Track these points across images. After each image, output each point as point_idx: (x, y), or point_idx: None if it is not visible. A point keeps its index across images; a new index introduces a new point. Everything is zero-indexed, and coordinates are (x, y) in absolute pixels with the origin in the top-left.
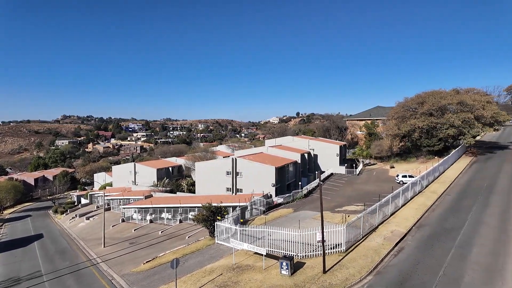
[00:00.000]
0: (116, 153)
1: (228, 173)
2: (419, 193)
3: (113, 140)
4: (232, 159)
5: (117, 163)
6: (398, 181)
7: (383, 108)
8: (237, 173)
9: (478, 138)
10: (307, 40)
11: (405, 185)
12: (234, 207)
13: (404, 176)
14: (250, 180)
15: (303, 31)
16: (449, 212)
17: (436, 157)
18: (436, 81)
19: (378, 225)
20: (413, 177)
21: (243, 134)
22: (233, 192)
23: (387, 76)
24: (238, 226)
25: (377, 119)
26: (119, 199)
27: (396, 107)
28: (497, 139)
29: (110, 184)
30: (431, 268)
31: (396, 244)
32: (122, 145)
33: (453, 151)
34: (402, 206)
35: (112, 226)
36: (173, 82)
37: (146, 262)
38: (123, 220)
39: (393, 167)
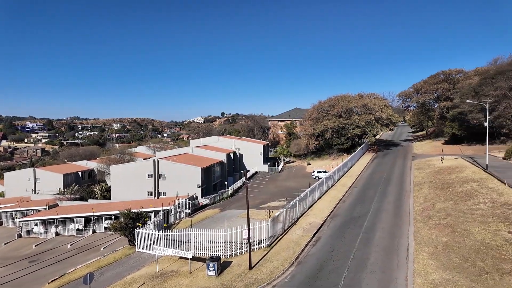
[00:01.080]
0: (9, 157)
1: (149, 176)
2: (332, 186)
3: (4, 142)
4: (154, 160)
5: (11, 169)
6: (314, 177)
7: (300, 109)
8: (159, 176)
9: (378, 136)
10: (231, 40)
11: (320, 180)
12: (156, 212)
13: (319, 172)
14: (174, 182)
15: (226, 31)
16: (356, 202)
17: (345, 154)
18: (345, 85)
19: (298, 218)
20: (326, 172)
21: (165, 134)
22: (155, 196)
23: (305, 78)
24: (161, 231)
25: (295, 120)
26: (14, 211)
27: (312, 109)
28: (392, 137)
29: (2, 195)
30: (343, 253)
31: (314, 234)
32: (17, 148)
33: (359, 148)
34: (318, 199)
35: (5, 244)
36: (82, 77)
37: (52, 281)
38: (20, 236)
39: (310, 164)
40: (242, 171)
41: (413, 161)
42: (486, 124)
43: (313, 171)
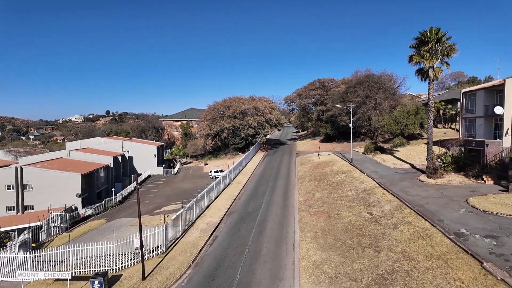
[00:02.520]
0: None
1: (9, 187)
2: (228, 185)
3: None
4: (16, 168)
5: None
6: (211, 176)
7: (196, 110)
8: (24, 186)
9: (268, 136)
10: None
11: (217, 179)
12: (21, 230)
13: (216, 172)
14: (45, 193)
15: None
16: (250, 198)
17: (240, 153)
18: (238, 87)
19: (196, 219)
20: (223, 171)
21: (32, 136)
22: (18, 211)
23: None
24: (29, 252)
25: (191, 120)
26: None
27: (208, 109)
28: (279, 137)
29: None
30: (239, 248)
31: (211, 234)
32: None
33: (252, 147)
34: (215, 198)
35: None
36: None
37: None
38: None
39: (207, 164)
40: (132, 176)
41: (297, 158)
42: (350, 125)
43: (210, 171)
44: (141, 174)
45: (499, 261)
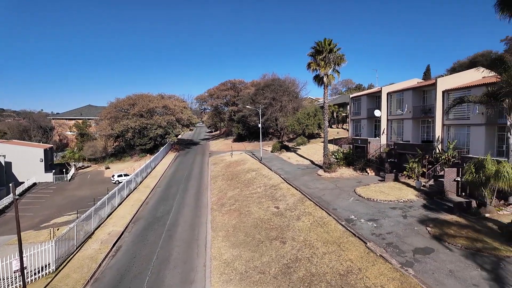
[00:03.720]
0: None
1: None
2: (134, 189)
3: None
4: None
5: None
6: (114, 181)
7: (95, 107)
8: None
9: (179, 136)
10: None
11: (121, 184)
12: None
13: (120, 176)
14: None
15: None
16: (160, 202)
17: (148, 155)
18: (145, 84)
19: (95, 230)
20: (128, 175)
21: None
22: None
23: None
24: None
25: (89, 119)
26: None
27: (109, 107)
28: (192, 137)
29: None
30: (146, 256)
31: (114, 244)
32: None
33: (162, 148)
34: (119, 205)
35: None
36: None
37: None
38: None
39: (109, 168)
40: (10, 185)
41: (210, 157)
42: (260, 125)
43: (113, 175)
44: (23, 183)
45: (378, 240)
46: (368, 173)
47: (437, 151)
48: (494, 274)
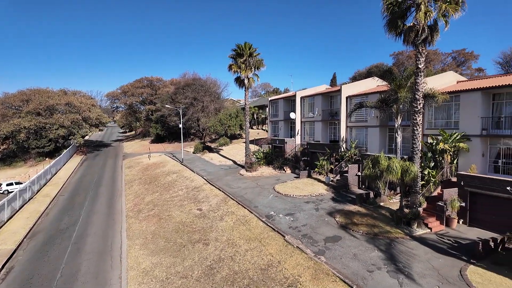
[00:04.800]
0: None
1: None
2: (30, 199)
3: None
4: None
5: None
6: (2, 191)
7: None
8: None
9: (87, 137)
10: None
11: (12, 194)
12: None
13: (10, 184)
14: None
15: None
16: (64, 212)
17: (47, 159)
18: (43, 78)
19: None
20: (21, 183)
21: None
22: None
23: None
24: None
25: None
26: None
27: None
28: (102, 138)
29: None
30: (47, 275)
31: (3, 266)
32: None
33: (65, 151)
34: (9, 220)
35: None
36: None
37: None
38: None
39: None
40: None
41: (124, 160)
42: (180, 125)
43: (0, 184)
44: None
45: (295, 233)
46: (285, 171)
47: (342, 149)
48: (388, 254)
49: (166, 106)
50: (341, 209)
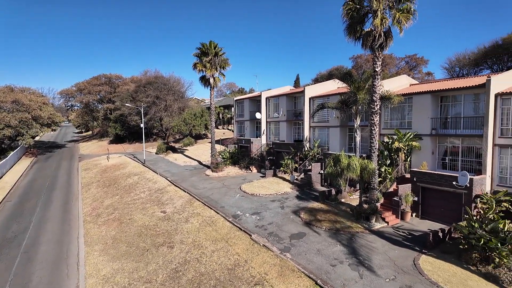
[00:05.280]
0: None
1: None
2: None
3: None
4: None
5: None
6: None
7: None
8: None
9: (37, 138)
10: None
11: None
12: None
13: None
14: None
15: None
16: (11, 219)
17: None
18: None
19: None
20: None
21: None
22: None
23: None
24: None
25: None
26: None
27: None
28: (55, 138)
29: None
30: None
31: None
32: None
33: (12, 153)
34: None
35: None
36: None
37: None
38: None
39: None
40: None
41: (80, 162)
42: (142, 125)
43: None
44: None
45: (261, 231)
46: (251, 171)
47: (306, 149)
48: (349, 248)
49: (126, 104)
50: (305, 206)
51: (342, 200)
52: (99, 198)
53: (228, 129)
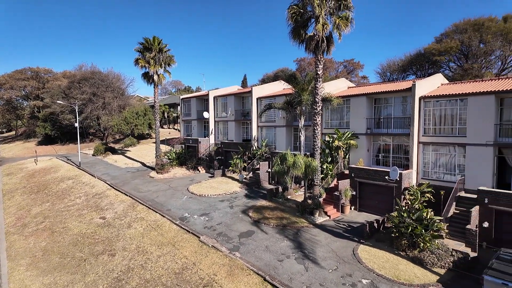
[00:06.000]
0: None
1: None
2: None
3: None
4: None
5: None
6: None
7: None
8: None
9: None
10: None
11: None
12: None
13: None
14: None
15: None
16: None
17: None
18: None
19: None
20: None
21: None
22: None
23: None
24: None
25: None
26: None
27: None
28: None
29: None
30: None
31: None
32: None
33: None
34: None
35: None
36: None
37: None
38: None
39: None
40: None
41: (1, 167)
42: (77, 124)
43: None
44: None
45: (210, 232)
46: (199, 171)
47: (254, 148)
48: (296, 242)
49: (58, 102)
50: (254, 205)
51: (289, 197)
52: (26, 206)
53: (174, 128)
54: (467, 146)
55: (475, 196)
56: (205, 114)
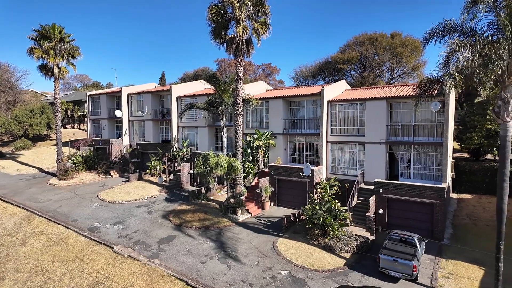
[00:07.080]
0: None
1: None
2: None
3: None
4: None
5: None
6: None
7: None
8: None
9: None
10: None
11: None
12: None
13: None
14: None
15: None
16: None
17: None
18: None
19: None
20: None
21: None
22: None
23: None
24: None
25: None
26: None
27: None
28: None
29: None
30: None
31: None
32: None
33: None
34: None
35: None
36: None
37: None
38: None
39: None
40: None
41: None
42: None
43: None
44: None
45: (125, 241)
46: (112, 176)
47: (175, 149)
48: (218, 242)
49: None
50: (175, 208)
51: (212, 197)
52: None
53: (80, 128)
54: (365, 144)
55: (372, 187)
56: (118, 113)
